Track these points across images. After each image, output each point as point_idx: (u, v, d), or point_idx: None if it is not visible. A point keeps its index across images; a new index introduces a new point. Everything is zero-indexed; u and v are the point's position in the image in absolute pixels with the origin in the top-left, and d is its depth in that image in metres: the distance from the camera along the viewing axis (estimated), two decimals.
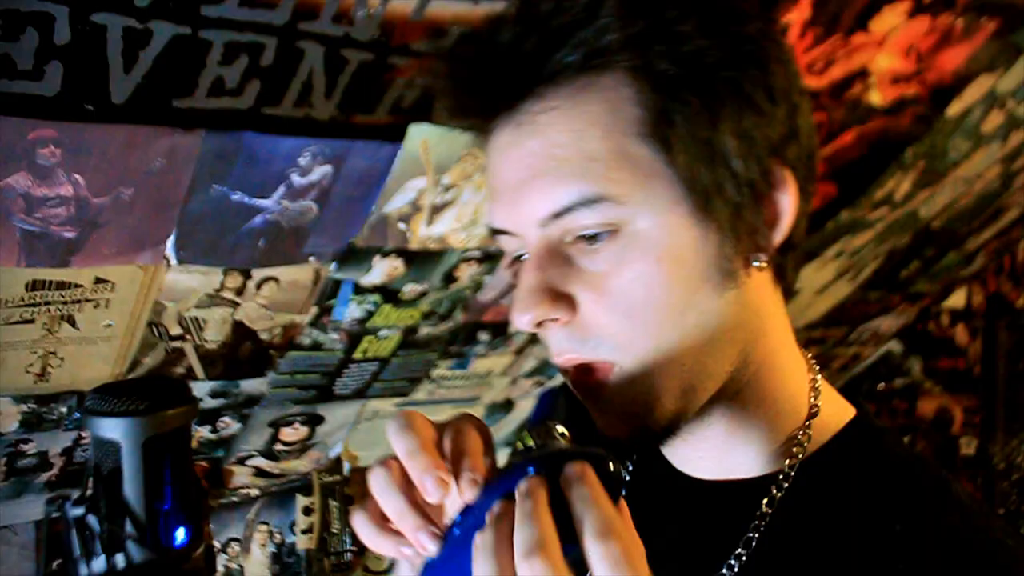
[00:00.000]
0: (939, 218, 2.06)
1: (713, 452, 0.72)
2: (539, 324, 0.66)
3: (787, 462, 0.70)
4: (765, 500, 0.69)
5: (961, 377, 2.63)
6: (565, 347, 0.67)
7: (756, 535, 0.69)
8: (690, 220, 0.64)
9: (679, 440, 0.69)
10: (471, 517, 0.56)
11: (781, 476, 0.69)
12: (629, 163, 0.63)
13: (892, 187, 1.80)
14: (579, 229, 0.64)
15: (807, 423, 0.70)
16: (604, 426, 0.67)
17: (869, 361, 2.76)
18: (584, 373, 0.67)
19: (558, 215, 0.64)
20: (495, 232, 0.70)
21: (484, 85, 0.66)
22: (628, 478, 0.79)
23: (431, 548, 0.57)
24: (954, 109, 1.65)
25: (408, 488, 0.58)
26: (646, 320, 0.64)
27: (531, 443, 0.60)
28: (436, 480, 0.57)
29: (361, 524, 0.60)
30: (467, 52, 0.66)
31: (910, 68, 1.51)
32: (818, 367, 0.74)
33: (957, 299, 2.63)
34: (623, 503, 0.56)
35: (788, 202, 0.66)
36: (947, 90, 1.59)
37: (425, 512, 0.58)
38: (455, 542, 0.56)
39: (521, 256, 0.69)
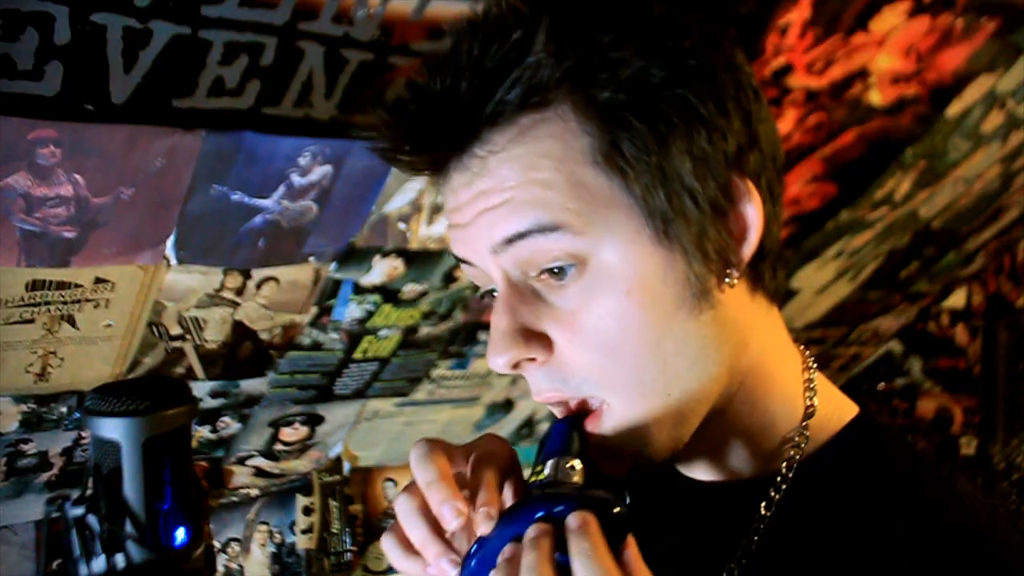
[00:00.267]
0: (939, 218, 2.06)
1: (709, 454, 0.71)
2: (515, 365, 0.66)
3: (784, 463, 0.69)
4: (763, 503, 0.69)
5: (961, 377, 2.63)
6: (545, 386, 0.67)
7: (755, 538, 0.69)
8: (653, 248, 0.63)
9: None
10: (486, 550, 0.60)
11: (779, 478, 0.69)
12: (585, 192, 0.62)
13: (892, 187, 1.80)
14: (542, 260, 0.63)
15: (804, 424, 0.70)
16: (603, 467, 0.66)
17: (869, 361, 2.76)
18: (575, 415, 0.67)
19: (510, 241, 0.63)
20: (459, 261, 0.70)
21: (426, 134, 0.65)
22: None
23: (451, 574, 0.61)
24: (954, 109, 1.65)
25: (430, 515, 0.62)
26: (624, 355, 0.63)
27: (544, 476, 0.62)
28: (453, 510, 0.61)
29: (389, 547, 0.65)
30: (406, 103, 0.65)
31: (910, 68, 1.51)
32: (815, 365, 0.73)
33: (957, 299, 2.63)
34: (631, 541, 0.57)
35: (754, 213, 0.65)
36: (947, 90, 1.59)
37: (445, 538, 0.62)
38: (471, 573, 0.60)
39: (492, 291, 0.69)
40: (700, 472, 0.73)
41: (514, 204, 0.63)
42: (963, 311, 2.63)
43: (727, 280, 0.65)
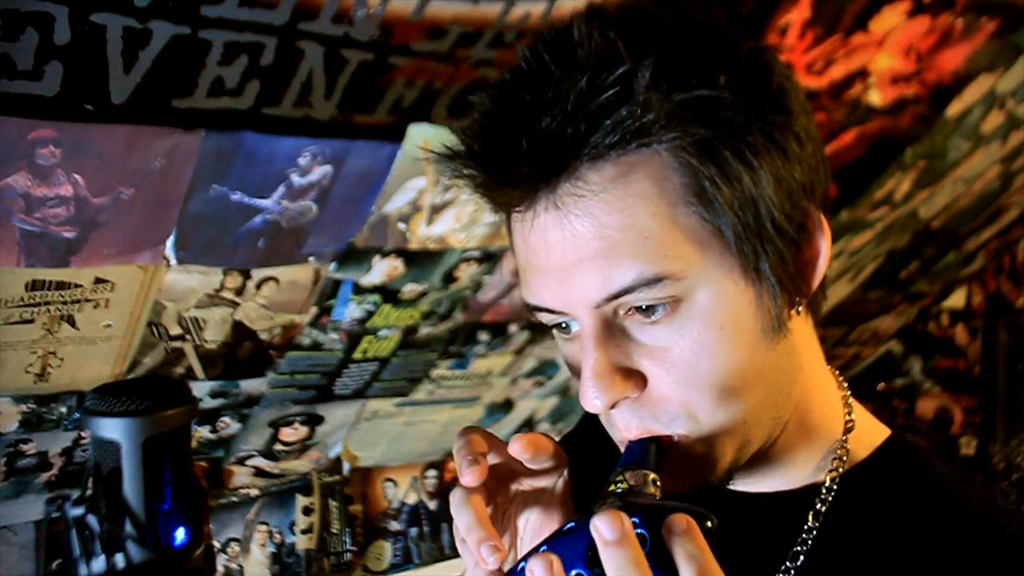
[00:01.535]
0: (939, 218, 2.06)
1: (757, 469, 0.72)
2: (613, 405, 0.66)
3: (829, 475, 0.71)
4: (811, 513, 0.70)
5: (961, 377, 2.63)
6: (635, 423, 0.67)
7: (803, 548, 0.70)
8: (745, 284, 0.64)
9: None
10: (566, 545, 0.60)
11: (824, 489, 0.71)
12: (683, 235, 0.62)
13: (892, 187, 1.80)
14: (638, 304, 0.63)
15: (844, 437, 0.72)
16: (664, 483, 0.66)
17: (869, 361, 2.76)
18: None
19: (615, 296, 0.63)
20: (534, 309, 0.69)
21: (521, 168, 0.63)
22: None
23: (490, 560, 0.62)
24: (954, 109, 1.65)
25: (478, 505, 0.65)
26: (714, 388, 0.64)
27: (626, 486, 0.63)
28: (491, 549, 0.62)
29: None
30: (500, 134, 0.63)
31: (910, 68, 1.51)
32: (846, 384, 0.76)
33: (957, 299, 2.63)
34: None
35: (823, 243, 0.66)
36: (947, 90, 1.59)
37: (489, 527, 0.64)
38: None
39: (562, 324, 0.68)
40: (747, 484, 0.74)
41: (613, 255, 0.62)
42: (963, 311, 2.63)
43: (796, 308, 0.67)
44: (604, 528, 0.55)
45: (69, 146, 0.90)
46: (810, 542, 0.70)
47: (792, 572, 0.70)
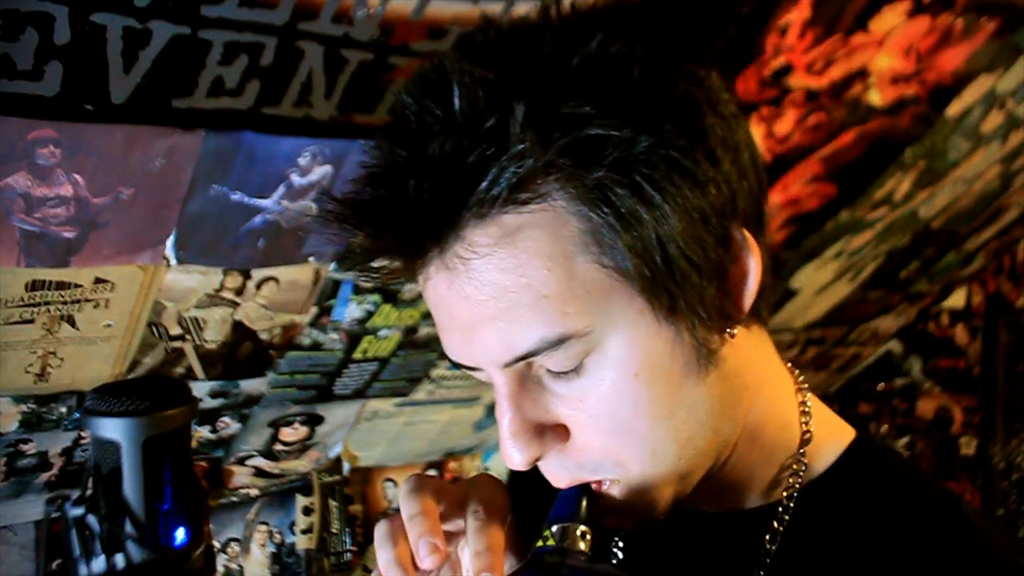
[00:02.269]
0: (939, 218, 2.06)
1: (711, 491, 0.70)
2: (534, 461, 0.63)
3: (784, 492, 0.68)
4: (767, 535, 0.67)
5: (961, 377, 2.63)
6: (563, 474, 0.64)
7: (761, 572, 0.67)
8: (659, 326, 0.60)
9: None
10: None
11: (780, 508, 0.68)
12: (583, 288, 0.58)
13: (892, 187, 1.80)
14: (548, 365, 0.60)
15: (801, 451, 0.68)
16: (608, 522, 0.64)
17: (869, 361, 2.76)
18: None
19: (521, 358, 0.60)
20: (455, 364, 0.66)
21: (401, 236, 0.59)
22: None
23: (426, 562, 0.59)
24: (954, 109, 1.65)
25: (402, 543, 0.62)
26: (638, 434, 0.61)
27: (553, 543, 0.61)
28: (430, 546, 0.60)
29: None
30: (374, 205, 0.59)
31: (910, 68, 1.51)
32: (807, 385, 0.72)
33: (957, 299, 2.63)
34: None
35: (752, 262, 0.62)
36: (947, 90, 1.59)
37: (411, 570, 0.61)
38: None
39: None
40: (703, 505, 0.72)
41: (512, 318, 0.59)
42: (963, 311, 2.63)
43: (728, 332, 0.63)
44: None
45: (69, 146, 0.90)
46: (768, 563, 0.67)
47: None
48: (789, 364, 0.73)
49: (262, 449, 1.53)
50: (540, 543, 0.62)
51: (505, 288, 0.58)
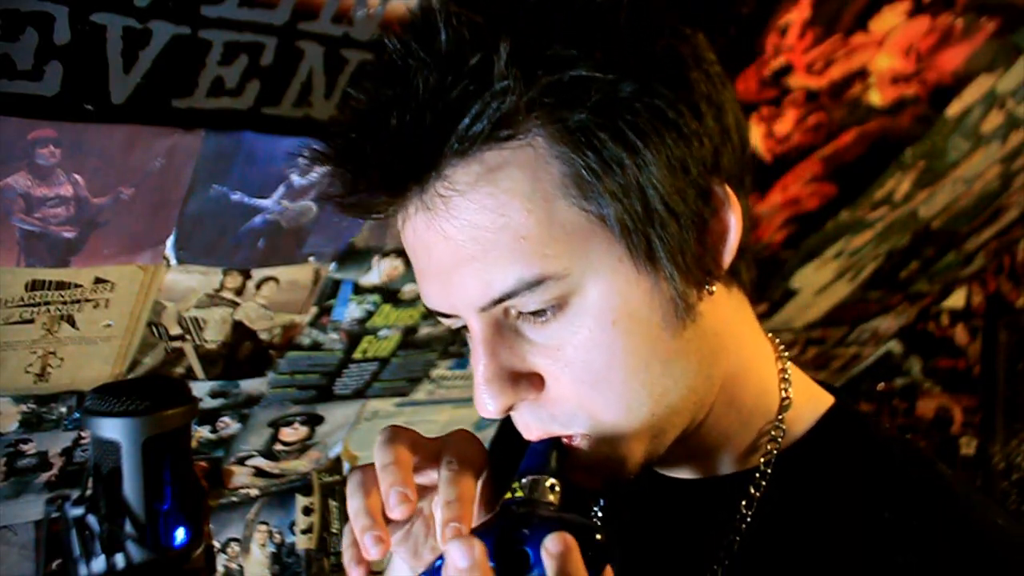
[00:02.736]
0: (939, 218, 2.06)
1: (686, 456, 0.70)
2: (510, 408, 0.63)
3: (762, 458, 0.68)
4: (744, 501, 0.67)
5: (961, 377, 2.63)
6: (534, 424, 0.64)
7: (737, 537, 0.67)
8: (637, 275, 0.60)
9: None
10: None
11: (758, 474, 0.67)
12: (562, 231, 0.58)
13: (892, 187, 1.80)
14: (525, 308, 0.60)
15: (779, 417, 0.68)
16: (577, 478, 0.64)
17: (869, 361, 2.76)
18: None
19: (498, 301, 0.60)
20: (429, 311, 0.66)
21: (383, 172, 0.59)
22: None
23: (372, 552, 0.60)
24: (954, 109, 1.65)
25: (373, 492, 0.61)
26: (613, 385, 0.61)
27: (522, 494, 0.61)
28: (400, 495, 0.59)
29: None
30: (357, 141, 0.59)
31: (910, 68, 1.51)
32: (787, 353, 0.71)
33: (957, 299, 2.63)
34: (608, 571, 0.56)
35: (733, 218, 0.62)
36: (947, 90, 1.59)
37: (380, 520, 0.61)
38: None
39: (464, 327, 0.65)
40: (679, 471, 0.72)
41: (491, 259, 0.58)
42: (963, 311, 2.63)
43: (707, 288, 0.63)
44: (456, 555, 0.54)
45: (69, 146, 0.90)
46: (744, 528, 0.67)
47: (727, 561, 0.67)
48: (769, 334, 0.72)
49: (262, 449, 1.53)
50: (509, 495, 0.62)
51: (484, 228, 0.58)
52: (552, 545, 0.54)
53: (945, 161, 1.80)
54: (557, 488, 0.61)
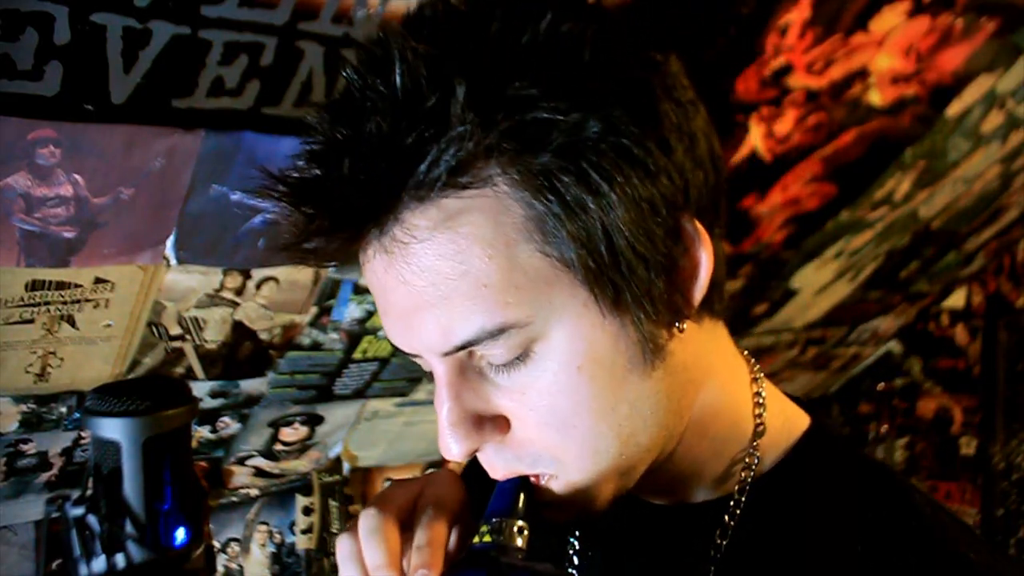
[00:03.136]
0: (939, 218, 2.06)
1: (659, 485, 0.68)
2: (472, 452, 0.62)
3: (736, 486, 0.66)
4: (718, 530, 0.66)
5: (961, 377, 2.63)
6: (500, 465, 0.63)
7: (712, 567, 0.66)
8: (603, 319, 0.58)
9: None
10: None
11: (732, 502, 0.66)
12: (524, 277, 0.56)
13: (892, 187, 1.80)
14: (488, 357, 0.59)
15: (754, 443, 0.67)
16: (546, 515, 0.63)
17: (869, 361, 2.76)
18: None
19: (460, 348, 0.58)
20: (396, 349, 0.64)
21: (339, 214, 0.57)
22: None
23: None
24: (954, 109, 1.65)
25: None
26: (579, 429, 0.60)
27: (489, 539, 0.60)
28: None
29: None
30: (312, 181, 0.57)
31: (910, 68, 1.51)
32: (763, 375, 0.70)
33: (957, 299, 2.63)
34: None
35: (704, 254, 0.60)
36: (947, 90, 1.59)
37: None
38: None
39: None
40: (654, 497, 0.71)
41: (450, 306, 0.57)
42: (963, 311, 2.63)
43: (677, 327, 0.61)
44: None
45: (69, 146, 0.90)
46: (719, 558, 0.66)
47: None
48: (745, 352, 0.71)
49: (262, 449, 1.53)
50: (476, 539, 0.61)
51: (444, 275, 0.57)
52: None
53: (945, 161, 1.80)
54: (525, 532, 0.60)
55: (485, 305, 0.57)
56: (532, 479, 0.63)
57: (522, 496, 0.62)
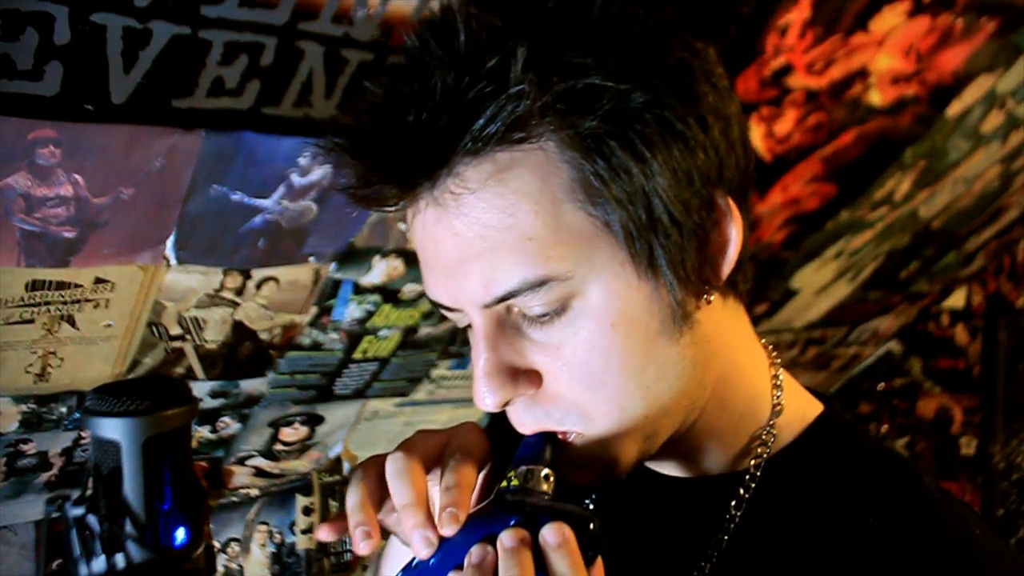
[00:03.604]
0: (939, 218, 2.06)
1: (678, 455, 0.71)
2: (507, 403, 0.64)
3: (752, 461, 0.69)
4: (733, 501, 0.69)
5: (961, 377, 2.63)
6: (528, 420, 0.65)
7: (725, 536, 0.69)
8: (638, 280, 0.61)
9: None
10: (448, 552, 0.59)
11: (748, 476, 0.69)
12: (568, 234, 0.60)
13: (892, 187, 1.80)
14: (527, 308, 0.62)
15: (771, 421, 0.70)
16: (571, 475, 0.65)
17: (869, 361, 2.76)
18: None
19: (501, 299, 0.61)
20: (434, 305, 0.67)
21: (396, 167, 0.60)
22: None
23: (361, 547, 0.61)
24: (954, 109, 1.65)
25: (374, 488, 0.64)
26: (608, 386, 0.63)
27: (517, 483, 0.62)
28: (424, 540, 0.60)
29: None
30: (373, 134, 0.61)
31: (910, 68, 1.51)
32: (779, 360, 0.73)
33: (957, 299, 2.63)
34: (599, 562, 0.58)
35: (734, 230, 0.64)
36: (947, 90, 1.59)
37: (372, 517, 0.63)
38: (429, 571, 0.60)
39: (467, 325, 0.67)
40: (671, 469, 0.73)
41: (496, 257, 0.60)
42: (963, 311, 2.63)
43: (705, 297, 0.64)
44: (506, 539, 0.56)
45: (69, 146, 0.90)
46: (733, 528, 0.69)
47: (714, 558, 0.69)
48: (764, 342, 0.74)
49: (262, 449, 1.53)
50: (504, 483, 0.63)
51: (492, 227, 0.60)
52: (550, 536, 0.56)
53: (945, 161, 1.80)
54: (551, 478, 0.62)
55: (528, 258, 0.60)
56: (559, 436, 0.65)
57: (549, 447, 0.64)
